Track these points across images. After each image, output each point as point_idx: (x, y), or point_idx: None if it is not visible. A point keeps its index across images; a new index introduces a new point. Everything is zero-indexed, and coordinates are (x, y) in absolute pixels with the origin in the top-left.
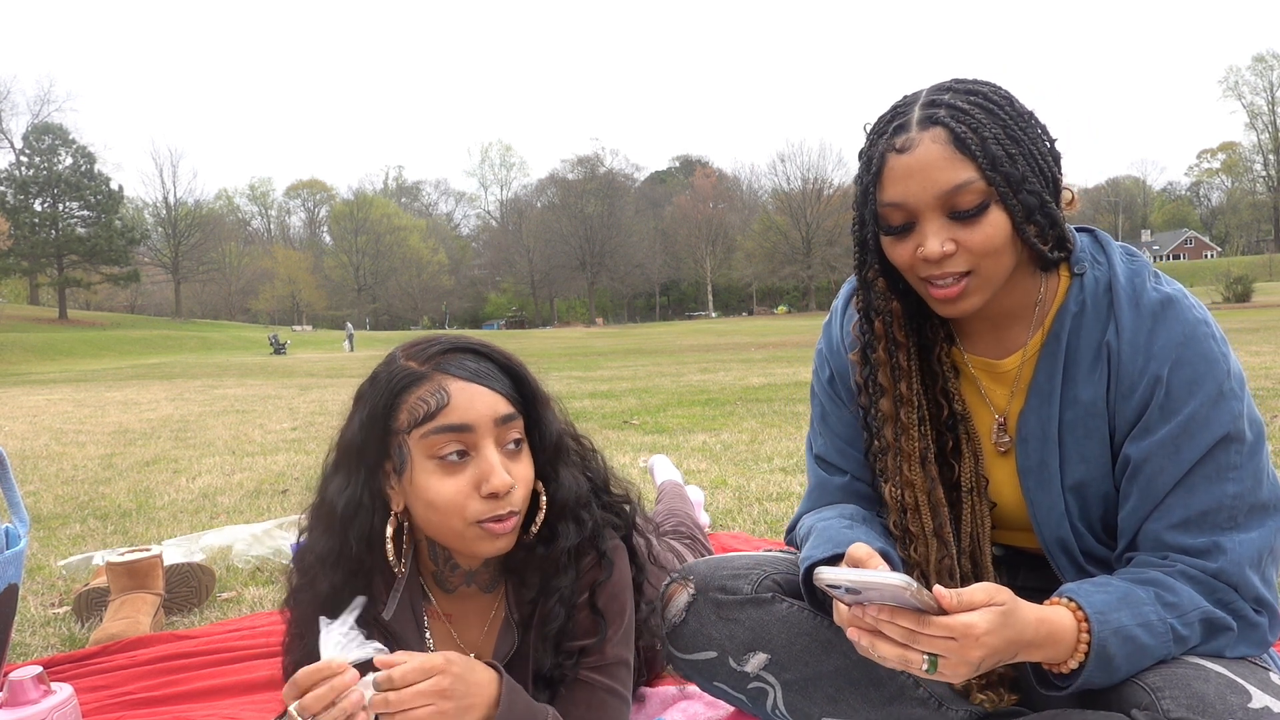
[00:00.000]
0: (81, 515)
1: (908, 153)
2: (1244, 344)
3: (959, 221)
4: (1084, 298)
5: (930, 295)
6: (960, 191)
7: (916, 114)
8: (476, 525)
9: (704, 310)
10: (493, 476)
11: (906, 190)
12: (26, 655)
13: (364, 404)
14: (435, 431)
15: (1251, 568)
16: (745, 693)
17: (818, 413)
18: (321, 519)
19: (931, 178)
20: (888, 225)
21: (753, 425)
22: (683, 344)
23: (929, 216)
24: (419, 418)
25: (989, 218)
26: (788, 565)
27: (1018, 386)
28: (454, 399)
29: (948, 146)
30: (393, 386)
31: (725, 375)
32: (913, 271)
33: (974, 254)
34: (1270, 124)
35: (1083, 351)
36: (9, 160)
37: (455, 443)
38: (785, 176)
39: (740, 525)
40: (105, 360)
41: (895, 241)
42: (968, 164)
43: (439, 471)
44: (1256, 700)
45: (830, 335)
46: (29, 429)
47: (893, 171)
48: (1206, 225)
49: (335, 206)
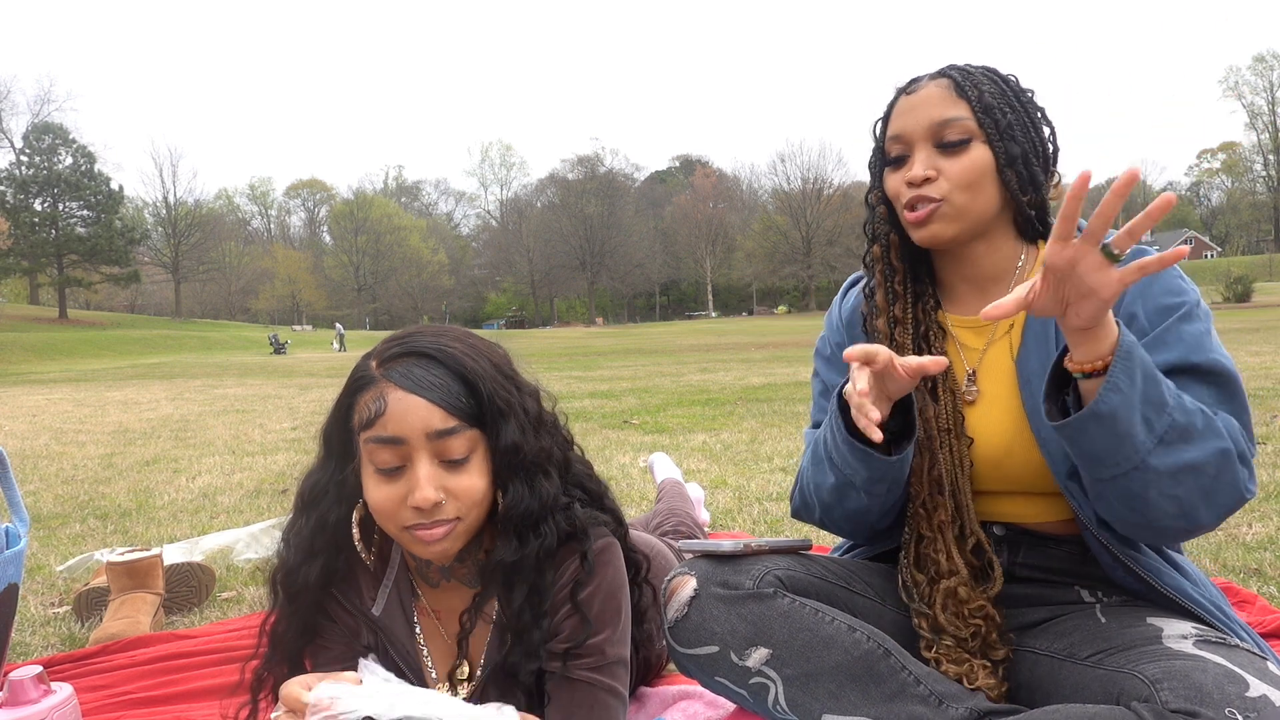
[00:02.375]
0: (81, 515)
1: (914, 93)
2: (1244, 344)
3: (943, 152)
4: None
5: (907, 219)
6: (949, 125)
7: (932, 72)
8: (408, 531)
9: (704, 310)
10: (415, 492)
11: (904, 123)
12: (26, 655)
13: (339, 396)
14: (372, 440)
15: (1241, 437)
16: (747, 688)
17: (818, 389)
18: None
19: (926, 111)
20: (888, 157)
21: (753, 425)
22: (683, 344)
23: (919, 146)
24: (364, 422)
25: (971, 152)
26: (789, 560)
27: (993, 339)
28: (390, 409)
29: (947, 90)
30: (352, 385)
31: (725, 375)
32: (898, 199)
33: (951, 183)
34: (1270, 124)
35: None
36: (9, 160)
37: (389, 453)
38: (785, 176)
39: (740, 525)
40: (105, 360)
41: (891, 173)
42: (961, 104)
43: (376, 477)
44: (1254, 689)
45: (831, 314)
46: (29, 429)
47: (899, 108)
48: (1206, 225)
49: (335, 206)
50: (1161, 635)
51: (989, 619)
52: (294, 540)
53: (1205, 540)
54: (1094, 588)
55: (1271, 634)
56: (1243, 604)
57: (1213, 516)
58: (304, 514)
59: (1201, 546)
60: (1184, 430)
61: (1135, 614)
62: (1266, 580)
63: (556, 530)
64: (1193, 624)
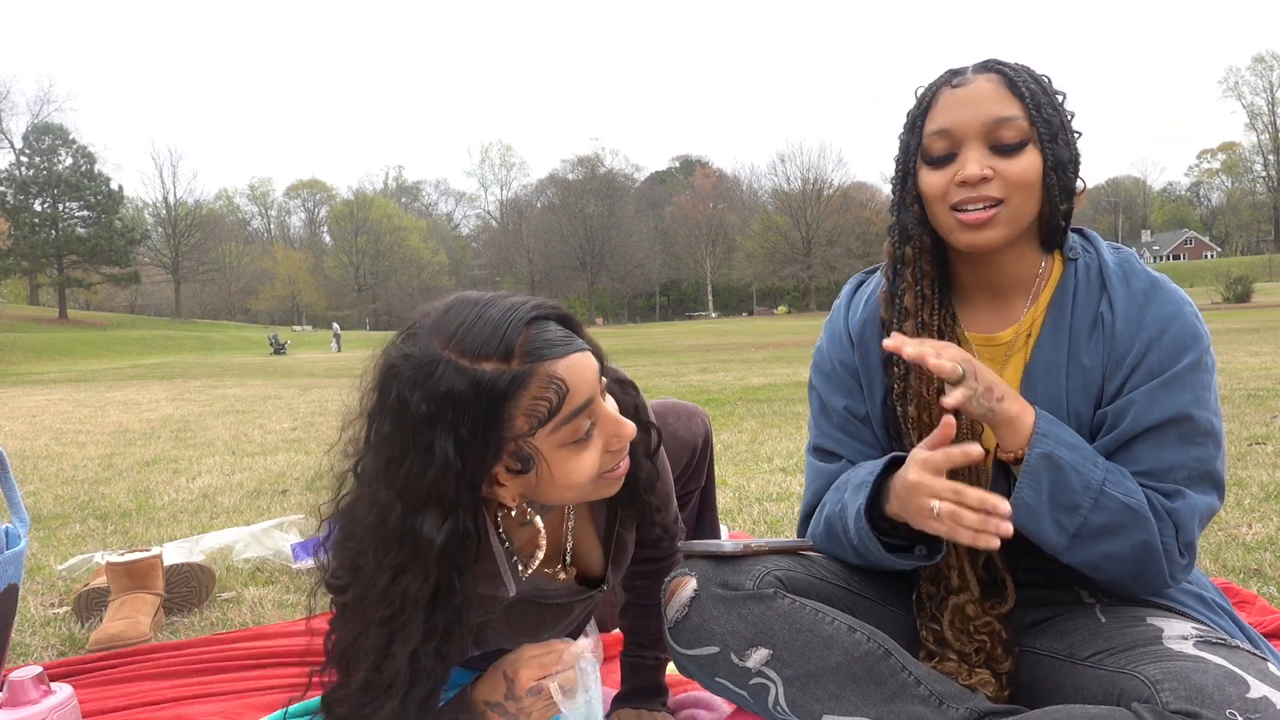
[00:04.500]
0: (81, 515)
1: (962, 87)
2: (1244, 344)
3: (999, 154)
4: (1078, 278)
5: (958, 222)
6: (1005, 124)
7: (972, 66)
8: (599, 479)
9: (704, 310)
10: (623, 430)
11: (956, 117)
12: (26, 655)
13: (442, 427)
14: (568, 420)
15: (1197, 521)
16: (747, 689)
17: (816, 406)
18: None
19: (981, 107)
20: (930, 155)
21: (753, 425)
22: (683, 344)
23: (972, 144)
24: (543, 417)
25: (1027, 154)
26: (789, 561)
27: (1009, 356)
28: (571, 382)
29: (1000, 86)
30: (493, 395)
31: (725, 375)
32: (944, 200)
33: (1009, 184)
34: (1270, 124)
35: (1081, 322)
36: (9, 160)
37: (587, 419)
38: (785, 176)
39: (740, 525)
40: (105, 360)
41: (933, 170)
42: (1016, 103)
43: (577, 450)
44: (1255, 690)
45: (834, 326)
46: (29, 429)
47: (945, 101)
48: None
49: (335, 206)
50: (1162, 635)
51: (995, 634)
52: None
53: (1205, 540)
54: (1094, 589)
55: (1272, 634)
56: (1243, 604)
57: (1147, 592)
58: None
59: (1202, 547)
60: (1101, 529)
61: (1135, 614)
62: (1266, 580)
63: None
64: (1193, 624)
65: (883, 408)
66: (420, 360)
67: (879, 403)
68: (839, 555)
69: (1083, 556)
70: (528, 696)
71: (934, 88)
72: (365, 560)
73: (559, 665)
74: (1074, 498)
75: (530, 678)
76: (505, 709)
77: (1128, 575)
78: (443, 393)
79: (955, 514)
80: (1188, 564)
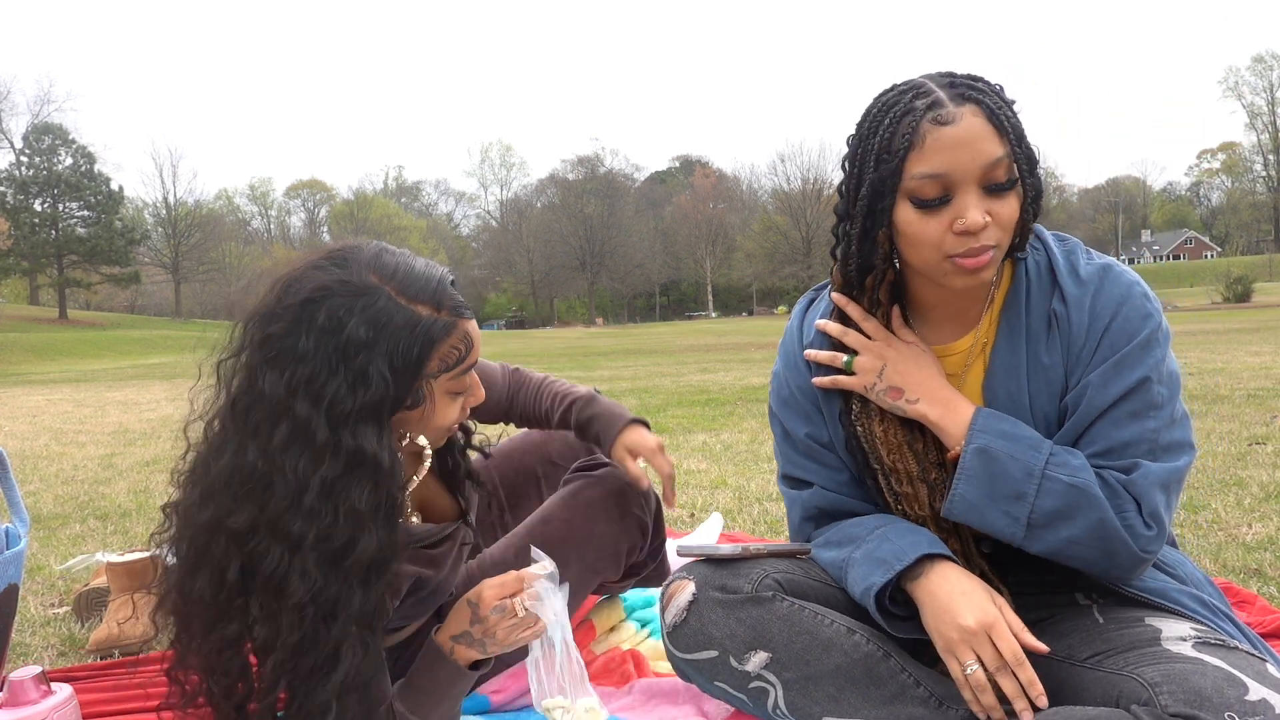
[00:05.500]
0: (81, 515)
1: (952, 125)
2: (1244, 344)
3: (991, 195)
4: (1029, 277)
5: (956, 267)
6: (998, 164)
7: (943, 92)
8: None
9: (704, 310)
10: (479, 394)
11: (954, 160)
12: (26, 655)
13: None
14: (464, 373)
15: (1159, 488)
16: (746, 692)
17: (779, 433)
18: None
19: (979, 149)
20: (920, 198)
21: (753, 425)
22: (683, 344)
23: (968, 189)
24: (450, 364)
25: (1014, 192)
26: (787, 563)
27: (968, 364)
28: (475, 341)
29: (987, 122)
30: (426, 336)
31: (725, 375)
32: (939, 247)
33: (1001, 228)
34: (1270, 124)
35: (1035, 320)
36: (9, 160)
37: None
38: (785, 176)
39: (740, 525)
40: (105, 360)
41: (924, 215)
42: (1002, 140)
43: (454, 400)
44: (1253, 693)
45: (788, 350)
46: (29, 429)
47: (937, 142)
48: (1206, 225)
49: (335, 206)
50: (1160, 637)
51: None
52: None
53: (1205, 540)
54: (1088, 591)
55: (1271, 634)
56: (1243, 604)
57: (1126, 571)
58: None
59: (1201, 547)
60: (1053, 513)
61: (1133, 614)
62: (1266, 580)
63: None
64: (1191, 625)
65: (842, 428)
66: (359, 289)
67: (838, 423)
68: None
69: (1044, 545)
70: (493, 614)
71: (912, 121)
72: (278, 477)
73: (520, 585)
74: (1017, 486)
75: (494, 596)
76: (472, 635)
77: (1098, 557)
78: (383, 323)
79: (982, 690)
80: (1156, 534)
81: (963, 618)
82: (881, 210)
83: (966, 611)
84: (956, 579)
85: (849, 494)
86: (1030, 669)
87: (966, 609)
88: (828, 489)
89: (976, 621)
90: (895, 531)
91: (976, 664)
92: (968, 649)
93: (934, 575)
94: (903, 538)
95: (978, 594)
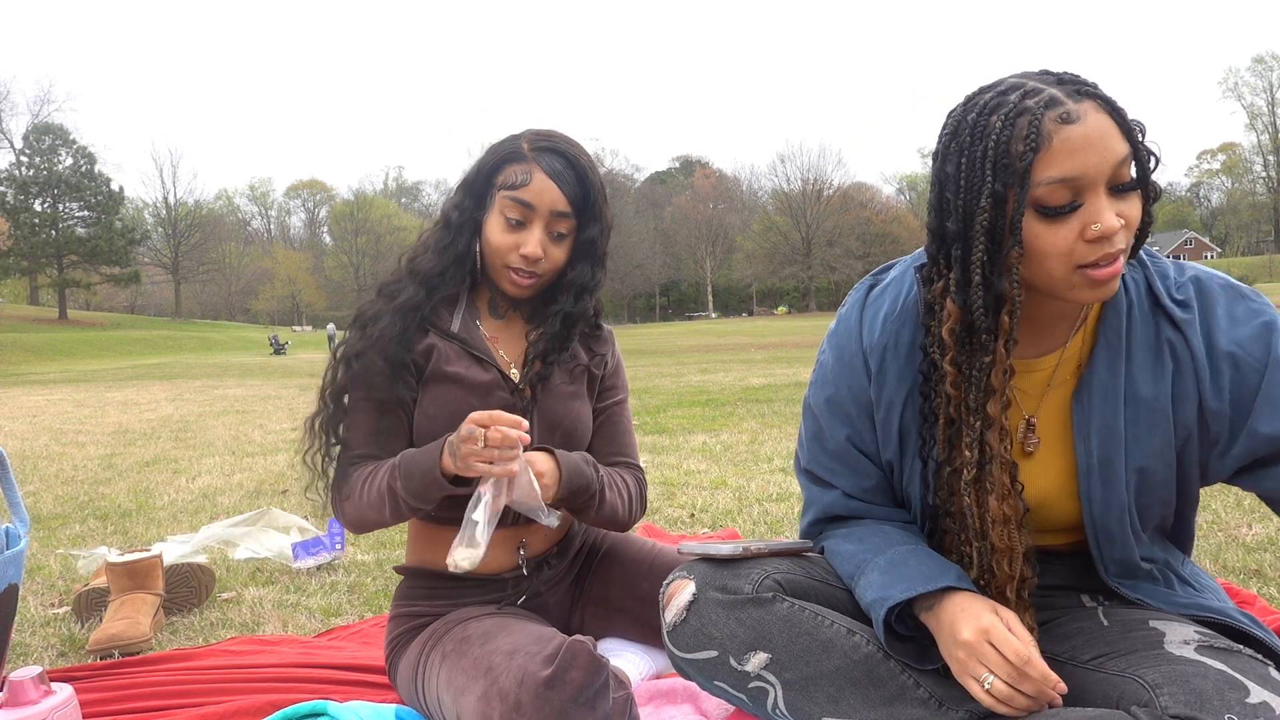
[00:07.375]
0: (81, 515)
1: (1079, 123)
2: None
3: (1117, 196)
4: (1130, 297)
5: (1088, 279)
6: (1126, 163)
7: (1057, 90)
8: (509, 270)
9: (704, 311)
10: (526, 247)
11: (1085, 162)
12: (26, 655)
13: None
14: (510, 199)
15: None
16: (746, 692)
17: (811, 430)
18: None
19: (1109, 146)
20: (1048, 205)
21: (753, 426)
22: (683, 344)
23: (1098, 191)
24: (508, 184)
25: (1137, 193)
26: (788, 563)
27: (1051, 383)
28: (533, 183)
29: (1109, 118)
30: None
31: (725, 375)
32: (1069, 258)
33: (1129, 230)
34: (1270, 124)
35: (1138, 348)
36: (9, 160)
37: (518, 212)
38: (785, 177)
39: (740, 525)
40: (105, 360)
41: (1052, 224)
42: (1125, 137)
43: (503, 224)
44: (1254, 695)
45: (844, 348)
46: (29, 429)
47: (1066, 143)
48: (1206, 226)
49: (335, 207)
50: (1163, 640)
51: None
52: (433, 245)
53: (1205, 540)
54: (1095, 594)
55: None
56: (1243, 604)
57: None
58: (446, 229)
59: (1201, 547)
60: None
61: (1137, 617)
62: (1266, 581)
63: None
64: (1195, 628)
65: (920, 463)
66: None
67: (894, 434)
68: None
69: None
70: (464, 428)
71: (1033, 122)
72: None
73: (502, 423)
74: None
75: (481, 419)
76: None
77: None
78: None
79: (1010, 698)
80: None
81: (962, 633)
82: (1013, 225)
83: (964, 627)
84: (963, 601)
85: (871, 500)
86: (1040, 663)
87: (965, 624)
88: (851, 495)
89: (973, 632)
90: (928, 554)
91: (991, 676)
92: (976, 662)
93: (946, 602)
94: (932, 562)
95: (977, 608)
